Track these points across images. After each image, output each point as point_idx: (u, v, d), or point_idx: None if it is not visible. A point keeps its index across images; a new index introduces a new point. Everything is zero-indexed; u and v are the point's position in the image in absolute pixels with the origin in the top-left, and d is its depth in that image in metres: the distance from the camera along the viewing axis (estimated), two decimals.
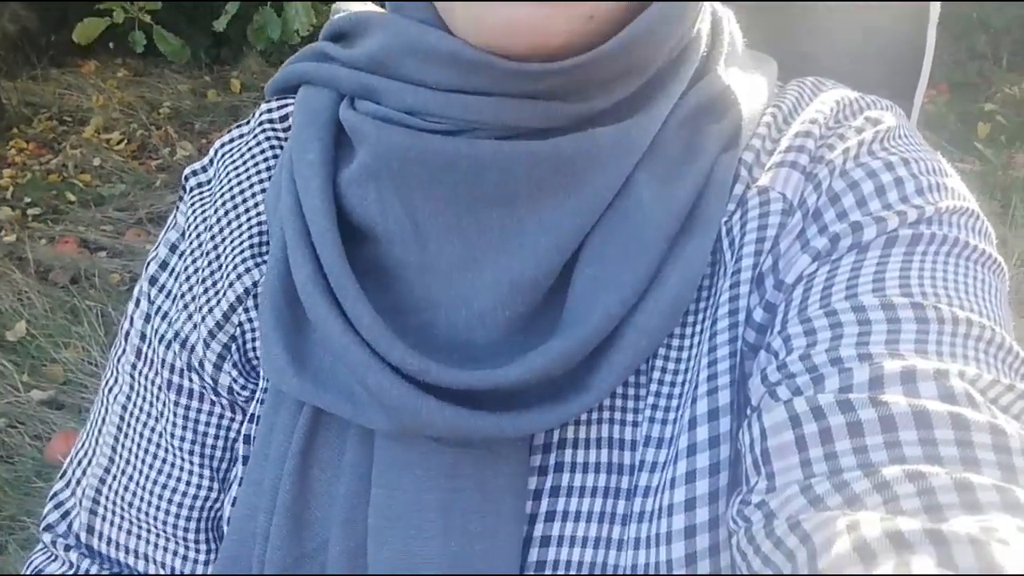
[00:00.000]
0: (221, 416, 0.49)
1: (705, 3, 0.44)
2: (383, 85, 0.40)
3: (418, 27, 0.39)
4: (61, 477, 0.53)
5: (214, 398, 0.49)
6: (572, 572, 0.39)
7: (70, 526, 0.51)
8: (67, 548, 0.51)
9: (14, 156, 3.12)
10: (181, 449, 0.49)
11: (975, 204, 0.41)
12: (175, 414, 0.49)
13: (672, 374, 0.41)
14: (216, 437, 0.49)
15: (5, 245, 2.56)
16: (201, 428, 0.49)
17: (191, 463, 0.49)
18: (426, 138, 0.38)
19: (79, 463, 0.52)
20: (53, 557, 0.52)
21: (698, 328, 0.41)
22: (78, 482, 0.52)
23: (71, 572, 0.51)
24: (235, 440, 0.49)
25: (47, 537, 0.52)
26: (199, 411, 0.49)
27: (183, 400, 0.49)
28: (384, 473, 0.40)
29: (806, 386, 0.34)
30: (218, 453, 0.49)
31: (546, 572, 0.39)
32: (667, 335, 0.40)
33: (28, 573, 0.52)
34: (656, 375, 0.41)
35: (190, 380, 0.48)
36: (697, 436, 0.38)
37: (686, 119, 0.41)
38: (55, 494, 0.53)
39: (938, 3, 0.55)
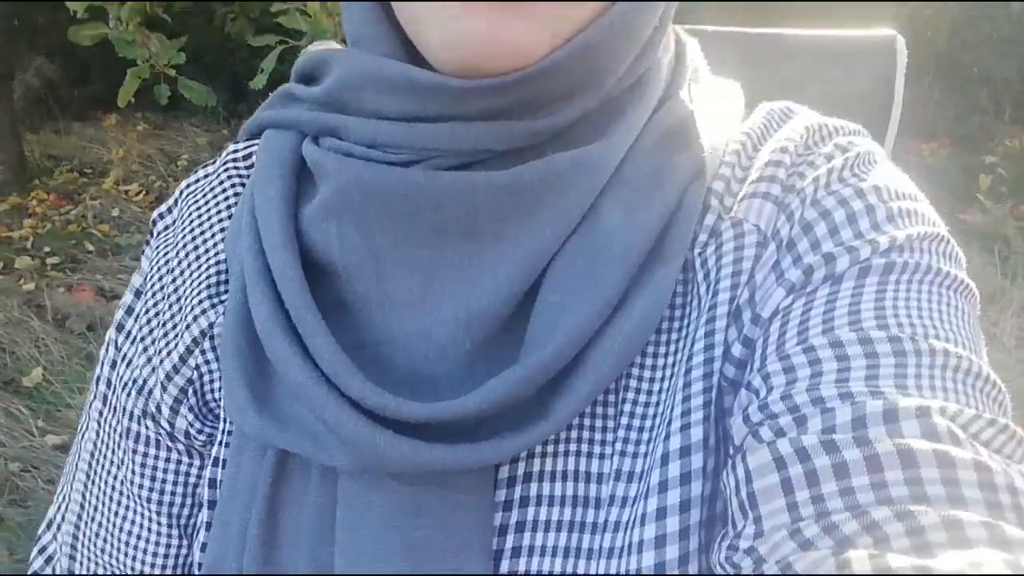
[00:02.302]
0: (179, 462, 0.48)
1: (668, 33, 0.44)
2: (342, 122, 0.40)
3: (375, 59, 0.39)
4: (46, 523, 0.53)
5: (170, 444, 0.48)
6: None
7: (54, 570, 0.51)
8: None
9: (35, 207, 3.20)
10: (140, 497, 0.49)
11: (944, 228, 0.40)
12: (134, 462, 0.49)
13: (643, 407, 0.40)
14: (175, 484, 0.49)
15: (24, 293, 2.61)
16: (159, 475, 0.49)
17: (150, 511, 0.49)
18: (386, 171, 0.38)
19: (59, 508, 0.52)
20: None
21: (670, 360, 0.40)
22: (58, 527, 0.52)
23: None
24: (195, 486, 0.49)
25: None
26: (156, 458, 0.48)
27: (140, 447, 0.48)
28: (348, 514, 0.39)
29: (789, 427, 0.33)
30: (177, 500, 0.49)
31: None
32: (631, 362, 0.39)
33: None
34: (627, 407, 0.40)
35: (146, 427, 0.48)
36: (669, 472, 0.37)
37: (653, 146, 0.41)
38: (39, 538, 0.53)
39: (904, 53, 0.57)
